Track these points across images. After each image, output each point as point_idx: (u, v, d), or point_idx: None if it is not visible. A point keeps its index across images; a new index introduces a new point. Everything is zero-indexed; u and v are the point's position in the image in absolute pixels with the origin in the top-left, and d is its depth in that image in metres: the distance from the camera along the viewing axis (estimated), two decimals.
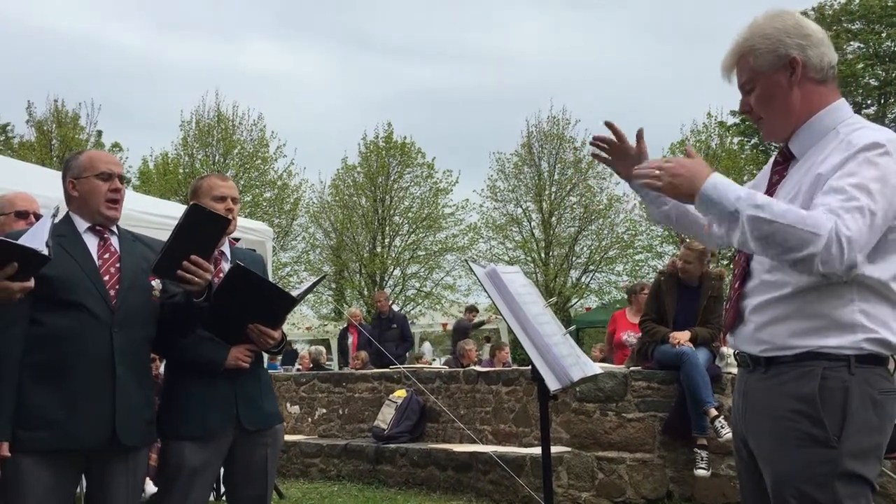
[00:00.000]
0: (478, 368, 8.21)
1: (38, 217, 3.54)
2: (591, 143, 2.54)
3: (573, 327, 3.50)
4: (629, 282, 21.99)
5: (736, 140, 24.75)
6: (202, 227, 2.82)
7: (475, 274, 2.74)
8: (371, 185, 26.09)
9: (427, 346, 16.73)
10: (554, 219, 25.99)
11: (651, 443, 6.07)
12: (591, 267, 25.87)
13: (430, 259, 26.17)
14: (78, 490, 3.21)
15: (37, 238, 2.46)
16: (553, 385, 2.60)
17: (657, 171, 2.15)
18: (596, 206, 25.47)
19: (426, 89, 49.43)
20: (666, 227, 2.68)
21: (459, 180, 26.24)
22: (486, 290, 2.67)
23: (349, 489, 7.42)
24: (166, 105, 42.11)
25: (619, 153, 2.48)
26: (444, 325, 22.60)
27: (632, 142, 2.46)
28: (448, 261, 26.29)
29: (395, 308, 19.77)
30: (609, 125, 2.47)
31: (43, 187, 4.66)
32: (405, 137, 26.37)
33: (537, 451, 6.37)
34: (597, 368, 3.07)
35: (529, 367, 2.71)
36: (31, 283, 2.40)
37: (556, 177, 26.04)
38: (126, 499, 2.83)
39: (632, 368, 6.31)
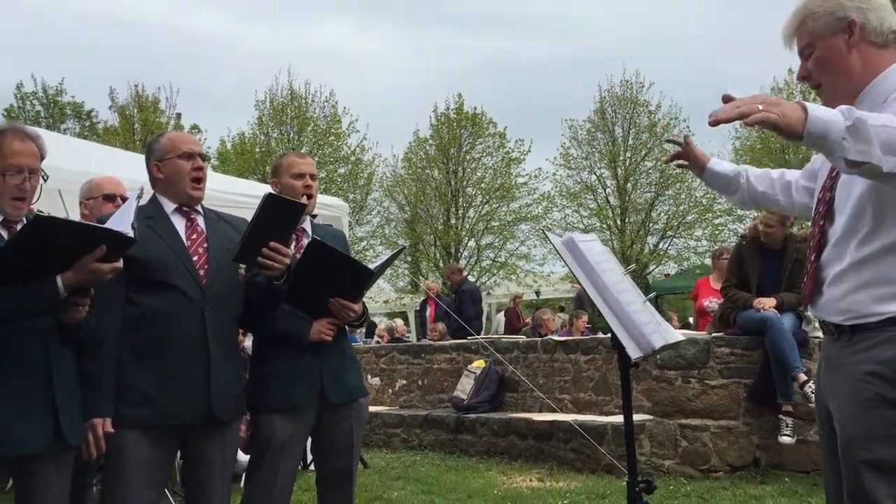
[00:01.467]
0: (556, 338, 8.19)
1: (125, 199, 3.67)
2: (667, 162, 2.80)
3: (653, 294, 3.45)
4: (710, 247, 21.57)
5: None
6: (279, 214, 2.89)
7: (552, 243, 2.73)
8: (443, 157, 26.11)
9: (501, 316, 16.70)
10: (629, 185, 25.59)
11: (736, 410, 5.97)
12: (669, 233, 25.42)
13: (504, 229, 26.13)
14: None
15: (123, 220, 2.55)
16: (634, 353, 2.58)
17: (760, 106, 1.81)
18: (672, 171, 24.93)
19: (496, 60, 48.95)
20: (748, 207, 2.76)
21: (532, 149, 26.09)
22: (563, 260, 2.65)
23: (431, 458, 7.53)
24: (241, 86, 42.80)
25: (688, 157, 2.70)
26: (521, 295, 22.55)
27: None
28: (522, 230, 26.25)
29: (471, 279, 19.75)
30: (671, 141, 2.70)
31: (128, 170, 4.81)
32: (476, 108, 26.28)
33: (618, 419, 6.34)
34: (678, 335, 3.02)
35: (609, 335, 2.68)
36: (120, 263, 2.48)
37: (630, 142, 25.59)
38: (221, 470, 2.94)
39: (714, 335, 6.20)
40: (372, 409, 8.71)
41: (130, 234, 2.45)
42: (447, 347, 8.89)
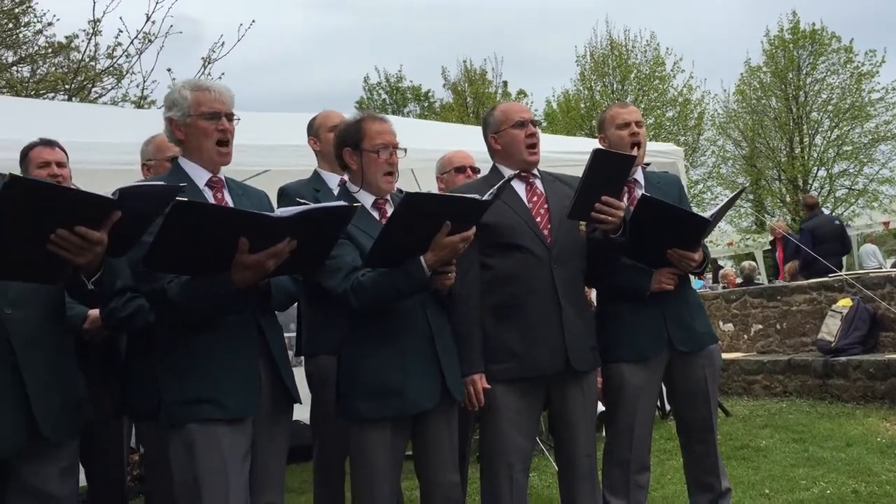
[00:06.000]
0: None
1: (475, 170, 3.99)
2: None
3: None
4: None
5: None
6: (608, 168, 2.91)
7: None
8: (781, 83, 24.09)
9: (867, 248, 15.04)
10: None
11: None
12: None
13: (859, 153, 23.51)
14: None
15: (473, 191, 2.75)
16: None
17: None
18: None
19: None
20: None
21: (886, 59, 23.02)
22: None
23: (798, 405, 7.13)
24: (562, 44, 43.14)
25: None
26: (886, 223, 20.21)
27: None
28: (882, 152, 23.39)
29: (826, 212, 17.99)
30: None
31: (466, 144, 5.10)
32: (814, 24, 23.85)
33: None
34: None
35: None
36: (470, 232, 2.65)
37: None
38: (584, 418, 3.06)
39: None
40: (727, 356, 8.45)
41: (486, 197, 2.63)
42: (806, 287, 8.29)
